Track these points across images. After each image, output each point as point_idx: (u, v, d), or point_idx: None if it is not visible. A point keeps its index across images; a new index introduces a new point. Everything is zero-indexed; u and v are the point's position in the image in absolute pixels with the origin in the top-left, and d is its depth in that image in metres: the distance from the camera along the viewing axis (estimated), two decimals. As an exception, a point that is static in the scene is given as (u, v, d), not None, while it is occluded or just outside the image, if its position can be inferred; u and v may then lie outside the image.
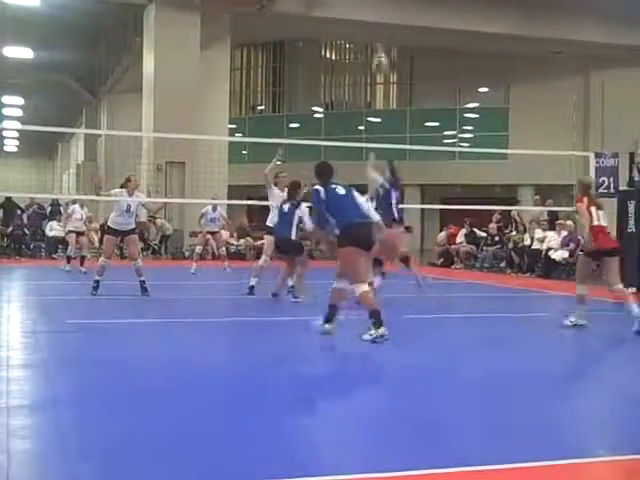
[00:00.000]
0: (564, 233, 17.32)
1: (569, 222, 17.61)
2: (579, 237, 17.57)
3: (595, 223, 8.04)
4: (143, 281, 10.55)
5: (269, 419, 4.33)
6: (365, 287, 7.07)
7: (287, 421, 4.35)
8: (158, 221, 22.27)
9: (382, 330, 6.79)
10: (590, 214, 8.04)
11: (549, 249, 17.17)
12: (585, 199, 8.17)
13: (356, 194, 7.56)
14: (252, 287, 10.89)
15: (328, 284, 7.42)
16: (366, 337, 6.84)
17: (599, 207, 8.19)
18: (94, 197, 13.26)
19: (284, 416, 4.46)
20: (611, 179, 14.40)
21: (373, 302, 6.98)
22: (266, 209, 17.18)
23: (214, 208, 16.01)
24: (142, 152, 23.05)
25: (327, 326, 7.18)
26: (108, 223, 11.04)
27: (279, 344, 7.33)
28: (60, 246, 22.07)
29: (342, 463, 3.62)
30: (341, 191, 7.47)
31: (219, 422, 4.31)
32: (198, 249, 16.47)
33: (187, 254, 22.98)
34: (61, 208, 24.99)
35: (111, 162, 32.54)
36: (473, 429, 4.31)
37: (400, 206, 10.49)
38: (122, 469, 3.43)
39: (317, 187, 7.40)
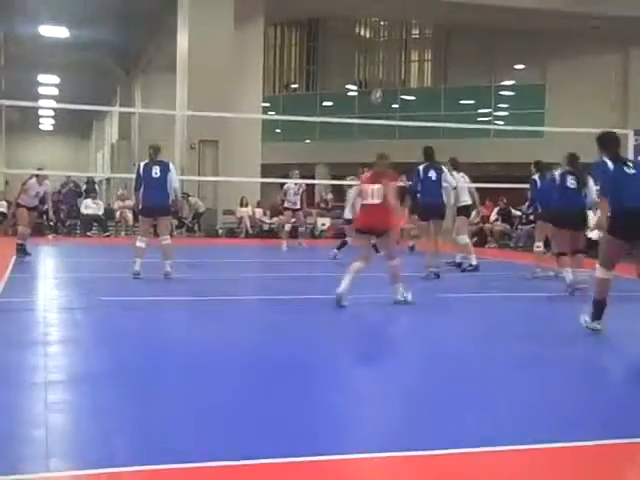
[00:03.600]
0: (598, 213, 17.08)
1: (606, 201, 17.31)
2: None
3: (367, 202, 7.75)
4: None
5: (290, 397, 4.34)
6: None
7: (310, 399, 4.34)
8: (191, 199, 22.37)
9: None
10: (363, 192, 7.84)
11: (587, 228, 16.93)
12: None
13: None
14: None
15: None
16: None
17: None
18: (128, 175, 13.45)
19: (307, 395, 4.45)
20: (651, 157, 14.12)
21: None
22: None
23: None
24: (175, 131, 23.13)
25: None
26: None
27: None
28: (95, 224, 22.32)
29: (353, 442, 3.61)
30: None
31: (260, 399, 4.31)
32: (287, 227, 16.76)
33: (220, 232, 23.11)
34: (96, 186, 25.24)
35: (145, 141, 32.74)
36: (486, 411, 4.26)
37: None
38: (158, 444, 3.45)
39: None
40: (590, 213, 11.00)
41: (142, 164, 10.53)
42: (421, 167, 11.10)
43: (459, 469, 3.29)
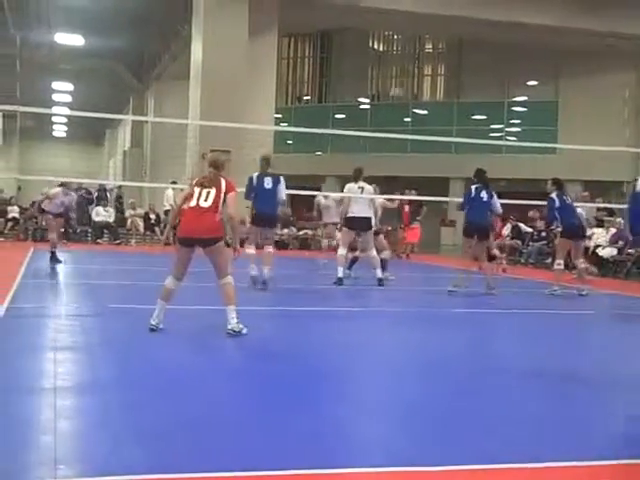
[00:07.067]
0: (613, 230, 17.03)
1: (619, 219, 17.31)
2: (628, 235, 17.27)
3: (192, 204, 6.71)
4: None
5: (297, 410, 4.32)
6: None
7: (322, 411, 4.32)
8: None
9: None
10: (192, 194, 6.75)
11: (597, 246, 16.88)
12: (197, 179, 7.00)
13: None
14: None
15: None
16: None
17: (206, 186, 6.73)
18: (139, 184, 13.56)
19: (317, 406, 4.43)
20: (664, 176, 14.04)
21: None
22: (308, 199, 17.08)
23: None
24: (187, 139, 23.18)
25: None
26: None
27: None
28: (106, 231, 22.38)
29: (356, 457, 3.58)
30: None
31: (266, 409, 4.30)
32: (328, 242, 16.37)
33: (230, 241, 23.12)
34: (107, 194, 25.32)
35: (157, 149, 32.88)
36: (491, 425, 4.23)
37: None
38: (167, 452, 3.43)
39: None
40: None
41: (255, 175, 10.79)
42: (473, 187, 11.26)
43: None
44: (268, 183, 10.57)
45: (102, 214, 22.33)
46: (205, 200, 6.65)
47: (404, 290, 12.37)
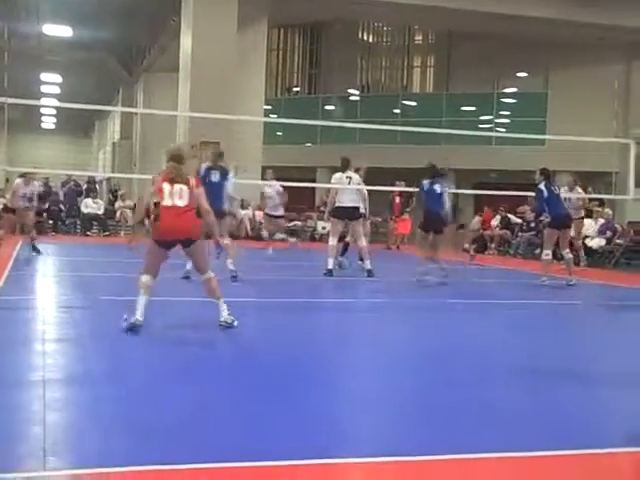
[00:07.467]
0: (601, 221, 17.11)
1: (607, 210, 17.39)
2: (616, 225, 17.38)
3: (167, 203, 6.51)
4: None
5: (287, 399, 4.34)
6: None
7: (308, 401, 4.35)
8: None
9: None
10: (161, 191, 6.52)
11: (585, 237, 16.95)
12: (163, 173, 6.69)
13: None
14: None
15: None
16: None
17: (177, 182, 6.51)
18: (128, 175, 13.55)
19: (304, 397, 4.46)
20: (652, 167, 14.16)
21: None
22: (298, 190, 17.06)
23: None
24: (177, 131, 23.11)
25: None
26: None
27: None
28: (95, 223, 22.33)
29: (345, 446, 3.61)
30: None
31: (257, 400, 4.32)
32: (265, 233, 16.33)
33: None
34: (97, 185, 25.23)
35: (146, 141, 32.77)
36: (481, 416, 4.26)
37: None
38: (155, 443, 3.45)
39: None
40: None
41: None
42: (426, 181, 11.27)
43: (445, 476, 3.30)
44: (215, 176, 10.47)
45: (91, 206, 22.28)
46: (180, 198, 6.48)
47: (393, 281, 12.40)
